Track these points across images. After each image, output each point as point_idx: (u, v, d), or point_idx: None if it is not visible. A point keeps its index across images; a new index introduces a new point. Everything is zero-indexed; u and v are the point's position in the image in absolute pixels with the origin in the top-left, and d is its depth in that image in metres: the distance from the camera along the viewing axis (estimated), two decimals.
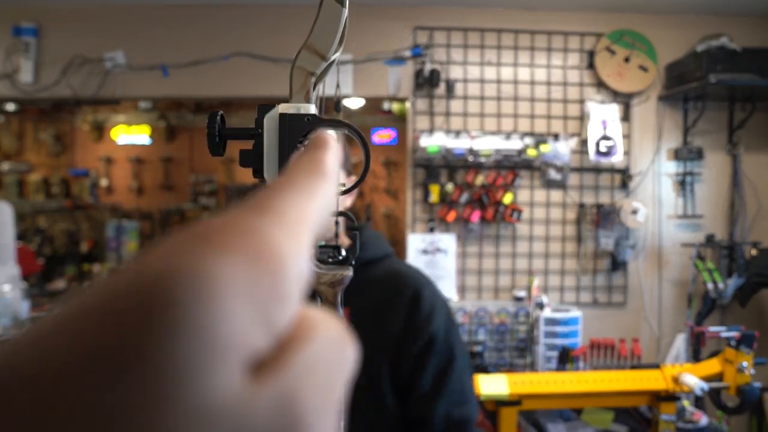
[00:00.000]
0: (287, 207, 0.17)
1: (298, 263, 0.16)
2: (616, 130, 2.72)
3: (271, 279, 0.15)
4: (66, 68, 2.65)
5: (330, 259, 0.58)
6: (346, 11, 0.46)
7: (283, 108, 0.44)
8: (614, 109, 2.74)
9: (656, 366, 1.91)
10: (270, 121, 0.44)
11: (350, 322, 0.80)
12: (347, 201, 1.13)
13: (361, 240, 1.13)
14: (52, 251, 4.97)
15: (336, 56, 0.48)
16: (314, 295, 0.55)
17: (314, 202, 0.19)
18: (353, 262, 0.57)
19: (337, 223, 0.92)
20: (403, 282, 1.09)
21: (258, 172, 0.45)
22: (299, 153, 0.24)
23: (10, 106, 4.06)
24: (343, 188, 0.50)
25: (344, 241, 1.17)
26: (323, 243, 0.84)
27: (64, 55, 2.66)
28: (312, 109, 0.44)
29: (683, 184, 2.83)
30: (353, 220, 0.73)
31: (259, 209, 0.17)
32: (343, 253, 0.78)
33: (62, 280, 4.66)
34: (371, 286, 1.09)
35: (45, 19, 2.68)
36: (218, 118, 0.46)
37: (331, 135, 0.25)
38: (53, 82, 2.66)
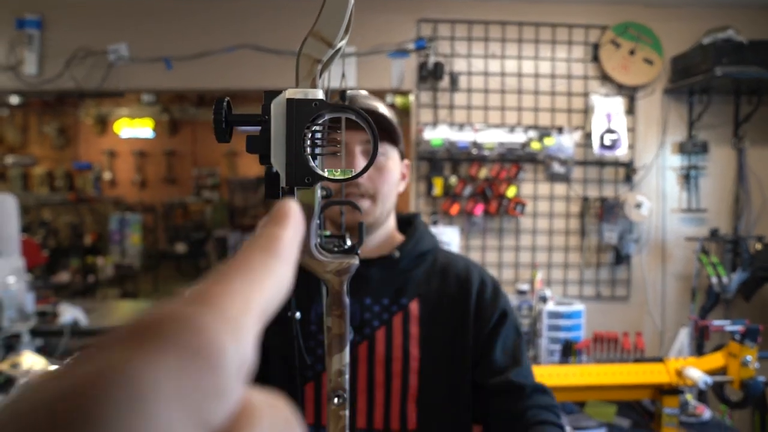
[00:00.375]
0: (231, 294, 0.17)
1: (239, 354, 0.16)
2: (620, 123, 2.71)
3: (205, 375, 0.14)
4: (70, 60, 2.65)
5: (336, 249, 0.58)
6: None
7: (290, 93, 0.44)
8: (619, 103, 2.73)
9: (659, 359, 1.91)
10: (277, 106, 0.44)
11: (423, 311, 0.80)
12: (401, 186, 1.12)
13: (419, 231, 1.14)
14: (56, 244, 4.99)
15: (342, 44, 0.48)
16: (321, 283, 0.55)
17: (264, 285, 0.19)
18: (358, 249, 0.57)
19: (342, 213, 0.92)
20: (468, 269, 1.12)
21: (265, 158, 0.45)
22: (260, 225, 0.23)
23: (14, 99, 4.06)
24: (352, 174, 0.49)
25: (396, 237, 1.15)
26: (329, 233, 0.84)
27: (67, 48, 2.65)
28: (320, 94, 0.44)
29: (688, 177, 2.82)
30: (358, 208, 0.73)
31: (200, 299, 0.16)
32: (348, 242, 0.78)
33: (66, 272, 4.68)
34: (436, 277, 1.10)
35: (48, 11, 2.68)
36: (225, 104, 0.46)
37: (294, 207, 0.24)
38: (57, 75, 2.66)
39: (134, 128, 5.47)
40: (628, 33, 2.75)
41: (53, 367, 0.14)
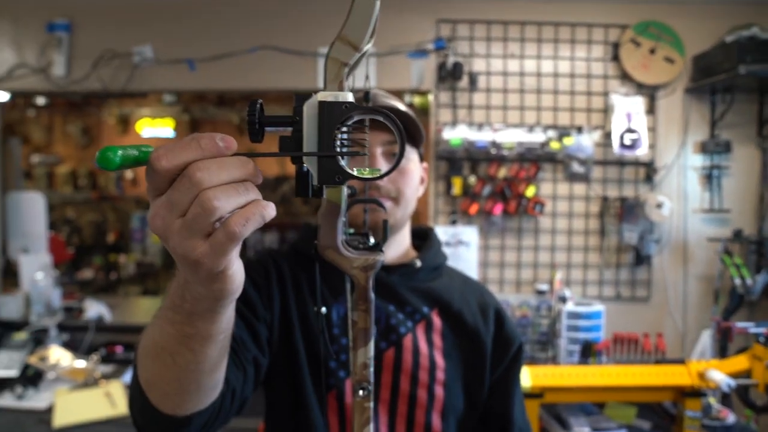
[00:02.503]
0: None
1: None
2: (640, 122, 2.68)
3: None
4: (96, 62, 2.71)
5: (361, 246, 0.59)
6: (378, 3, 0.47)
7: (321, 96, 0.45)
8: (639, 102, 2.71)
9: (681, 361, 1.90)
10: (309, 108, 0.46)
11: (444, 323, 0.81)
12: (420, 190, 1.12)
13: (436, 244, 1.14)
14: (80, 241, 5.09)
15: (368, 47, 0.49)
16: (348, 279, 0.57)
17: None
18: (382, 251, 0.58)
19: (365, 210, 0.93)
20: (484, 293, 1.11)
21: (296, 159, 0.47)
22: None
23: (41, 100, 4.16)
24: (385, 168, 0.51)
25: (411, 247, 1.14)
26: (353, 231, 0.86)
27: (94, 50, 2.72)
28: (349, 96, 0.46)
29: (710, 177, 2.79)
30: (383, 206, 0.75)
31: None
32: (372, 240, 0.80)
33: (90, 269, 4.77)
34: (455, 291, 1.08)
35: (77, 14, 2.75)
36: (258, 106, 0.47)
37: None
38: (84, 76, 2.72)
39: (155, 128, 5.52)
40: (648, 32, 2.73)
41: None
